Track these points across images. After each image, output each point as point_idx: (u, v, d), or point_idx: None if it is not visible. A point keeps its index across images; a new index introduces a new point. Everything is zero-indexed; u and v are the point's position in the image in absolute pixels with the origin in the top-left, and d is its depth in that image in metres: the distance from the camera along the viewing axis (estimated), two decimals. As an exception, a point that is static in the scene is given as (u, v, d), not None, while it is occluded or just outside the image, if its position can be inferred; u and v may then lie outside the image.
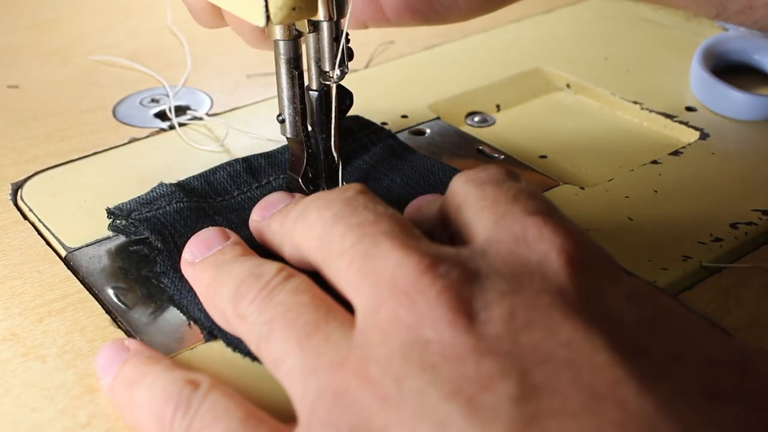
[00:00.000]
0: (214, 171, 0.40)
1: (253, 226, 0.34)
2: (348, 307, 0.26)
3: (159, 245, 0.35)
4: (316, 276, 0.28)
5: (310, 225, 0.28)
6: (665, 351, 0.23)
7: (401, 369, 0.22)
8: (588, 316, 0.23)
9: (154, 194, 0.38)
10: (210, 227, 0.33)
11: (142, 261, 0.36)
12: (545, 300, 0.23)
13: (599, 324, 0.23)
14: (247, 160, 0.41)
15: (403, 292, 0.23)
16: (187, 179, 0.39)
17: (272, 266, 0.28)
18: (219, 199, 0.39)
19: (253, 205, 0.34)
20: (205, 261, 0.31)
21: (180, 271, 0.33)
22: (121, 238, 0.37)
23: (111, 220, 0.37)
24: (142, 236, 0.36)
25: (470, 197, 0.28)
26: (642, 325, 0.23)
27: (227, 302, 0.28)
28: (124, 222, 0.36)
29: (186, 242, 0.33)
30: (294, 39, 0.35)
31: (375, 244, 0.25)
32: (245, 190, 0.39)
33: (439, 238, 0.29)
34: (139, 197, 0.38)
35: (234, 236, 0.32)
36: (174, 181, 0.39)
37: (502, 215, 0.26)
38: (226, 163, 0.41)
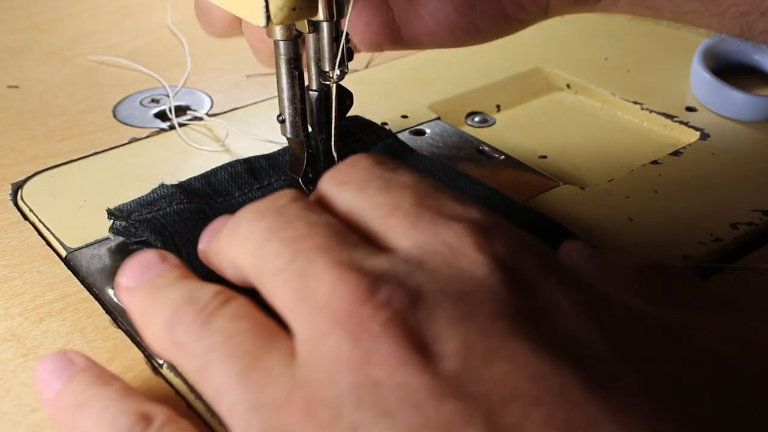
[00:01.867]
0: (215, 172, 0.40)
1: (200, 254, 0.30)
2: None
3: (159, 246, 0.35)
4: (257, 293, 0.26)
5: (243, 238, 0.26)
6: (636, 373, 0.21)
7: (355, 416, 0.20)
8: (552, 342, 0.21)
9: (155, 195, 0.38)
10: (148, 249, 0.30)
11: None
12: (502, 325, 0.21)
13: (565, 350, 0.21)
14: (248, 161, 0.41)
15: (343, 324, 0.21)
16: (187, 180, 0.39)
17: (209, 289, 0.26)
18: (220, 199, 0.39)
19: None
20: (141, 285, 0.28)
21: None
22: (122, 238, 0.37)
23: (111, 221, 0.37)
24: (142, 238, 0.36)
25: (358, 206, 0.26)
26: (608, 345, 0.21)
27: (163, 330, 0.26)
28: (124, 223, 0.36)
29: (186, 243, 0.32)
30: (294, 39, 0.35)
31: (310, 263, 0.23)
32: (246, 191, 0.39)
33: None
34: (139, 198, 0.38)
35: (173, 258, 0.29)
36: (174, 181, 0.39)
37: (415, 219, 0.24)
38: (227, 163, 0.41)
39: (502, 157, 0.45)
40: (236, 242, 0.26)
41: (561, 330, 0.21)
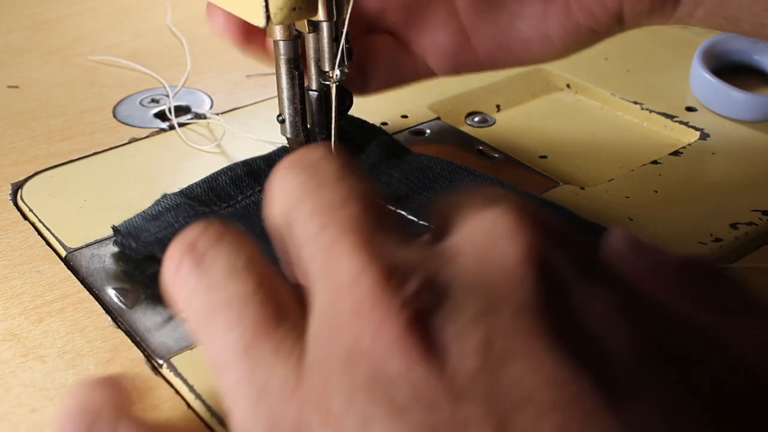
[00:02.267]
0: (215, 177, 0.40)
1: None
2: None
3: None
4: None
5: (276, 189, 0.24)
6: (662, 389, 0.20)
7: (368, 409, 0.20)
8: (575, 345, 0.20)
9: (160, 208, 0.37)
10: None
11: (142, 260, 0.36)
12: (525, 324, 0.20)
13: (589, 355, 0.20)
14: (246, 164, 0.41)
15: (366, 315, 0.21)
16: (189, 186, 0.39)
17: (198, 225, 0.24)
18: (224, 205, 0.39)
19: (258, 210, 0.33)
20: None
21: None
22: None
23: (118, 238, 0.36)
24: (154, 254, 0.35)
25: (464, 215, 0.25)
26: (637, 354, 0.20)
27: (168, 283, 0.24)
28: (134, 244, 0.36)
29: None
30: (294, 39, 0.35)
31: (341, 236, 0.22)
32: (249, 194, 0.39)
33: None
34: (144, 212, 0.37)
35: None
36: (174, 181, 0.39)
37: (480, 211, 0.23)
38: (227, 167, 0.40)
39: (502, 157, 0.45)
40: (270, 193, 0.25)
41: (588, 333, 0.20)
